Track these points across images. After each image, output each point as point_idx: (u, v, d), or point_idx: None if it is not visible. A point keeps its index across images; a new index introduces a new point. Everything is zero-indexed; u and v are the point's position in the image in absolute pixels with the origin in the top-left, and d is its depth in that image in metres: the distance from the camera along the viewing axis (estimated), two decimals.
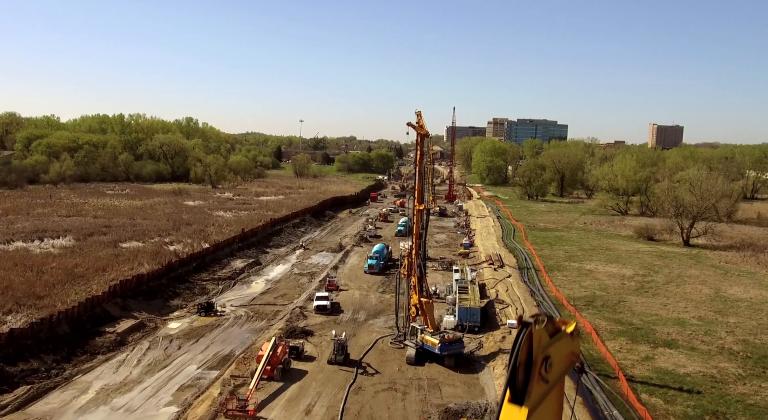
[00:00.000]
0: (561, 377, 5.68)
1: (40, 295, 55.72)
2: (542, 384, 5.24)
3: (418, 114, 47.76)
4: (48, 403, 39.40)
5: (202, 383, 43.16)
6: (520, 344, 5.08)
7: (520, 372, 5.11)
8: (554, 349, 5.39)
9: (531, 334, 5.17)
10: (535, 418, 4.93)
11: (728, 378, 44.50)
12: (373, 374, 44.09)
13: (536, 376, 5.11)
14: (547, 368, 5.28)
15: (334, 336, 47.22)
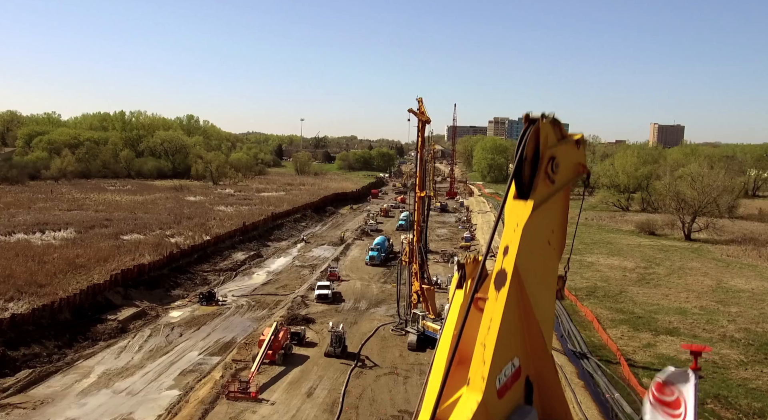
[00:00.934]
0: (567, 183, 5.51)
1: (41, 283, 55.81)
2: (548, 183, 5.00)
3: (419, 100, 47.79)
4: (50, 387, 39.42)
5: (203, 368, 43.15)
6: (527, 139, 4.94)
7: (527, 168, 4.96)
8: (560, 150, 5.22)
9: (538, 130, 5.06)
10: (538, 217, 4.78)
11: (730, 364, 44.54)
12: (372, 367, 42.88)
13: (542, 173, 4.98)
14: (553, 168, 5.14)
15: (332, 327, 46.36)
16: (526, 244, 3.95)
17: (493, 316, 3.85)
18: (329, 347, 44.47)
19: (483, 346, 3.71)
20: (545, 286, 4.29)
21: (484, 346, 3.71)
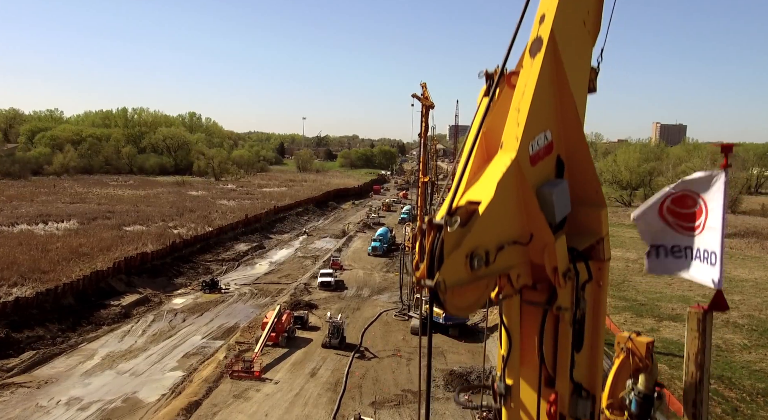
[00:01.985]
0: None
1: (44, 270, 55.89)
2: None
3: (423, 86, 47.82)
4: (54, 368, 39.52)
5: (207, 351, 43.21)
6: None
7: None
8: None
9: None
10: None
11: (733, 347, 44.48)
12: (370, 358, 41.37)
13: None
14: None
15: (329, 317, 45.17)
16: (562, 12, 3.80)
17: (528, 81, 3.74)
18: (326, 338, 43.09)
19: (517, 111, 3.62)
20: (579, 67, 4.08)
21: (518, 110, 3.62)
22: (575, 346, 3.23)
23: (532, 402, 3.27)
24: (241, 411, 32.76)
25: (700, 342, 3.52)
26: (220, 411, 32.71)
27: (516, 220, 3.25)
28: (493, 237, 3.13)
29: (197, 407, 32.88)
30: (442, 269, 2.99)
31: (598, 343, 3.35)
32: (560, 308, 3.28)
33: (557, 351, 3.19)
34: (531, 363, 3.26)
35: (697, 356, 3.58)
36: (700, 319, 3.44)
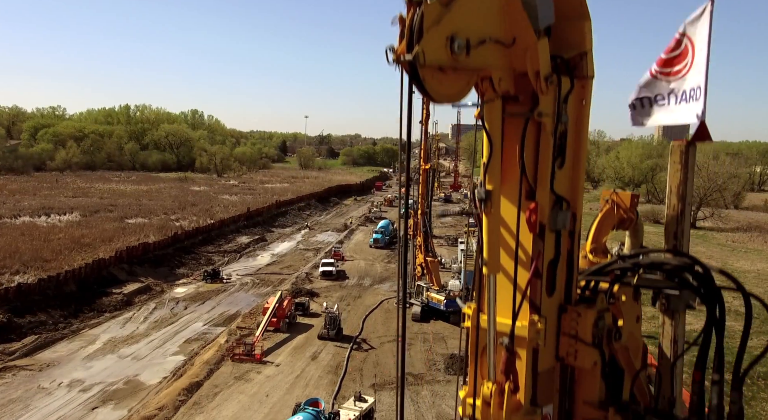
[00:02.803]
0: None
1: (46, 259, 56.02)
2: None
3: None
4: (55, 352, 39.66)
5: (208, 337, 43.26)
6: None
7: None
8: None
9: None
10: None
11: (734, 334, 44.12)
12: (368, 350, 40.28)
13: None
14: None
15: (325, 308, 44.31)
16: None
17: None
18: (323, 329, 41.68)
19: None
20: None
21: None
22: (557, 161, 3.24)
23: (512, 213, 3.28)
24: (242, 391, 32.83)
25: (682, 174, 3.53)
26: (221, 391, 32.80)
27: (498, 17, 3.25)
28: (474, 26, 3.13)
29: (198, 388, 32.98)
30: (422, 42, 2.99)
31: (580, 160, 3.36)
32: (541, 114, 3.27)
33: (538, 162, 3.21)
34: (512, 174, 3.27)
35: (679, 188, 3.58)
36: (683, 151, 3.45)
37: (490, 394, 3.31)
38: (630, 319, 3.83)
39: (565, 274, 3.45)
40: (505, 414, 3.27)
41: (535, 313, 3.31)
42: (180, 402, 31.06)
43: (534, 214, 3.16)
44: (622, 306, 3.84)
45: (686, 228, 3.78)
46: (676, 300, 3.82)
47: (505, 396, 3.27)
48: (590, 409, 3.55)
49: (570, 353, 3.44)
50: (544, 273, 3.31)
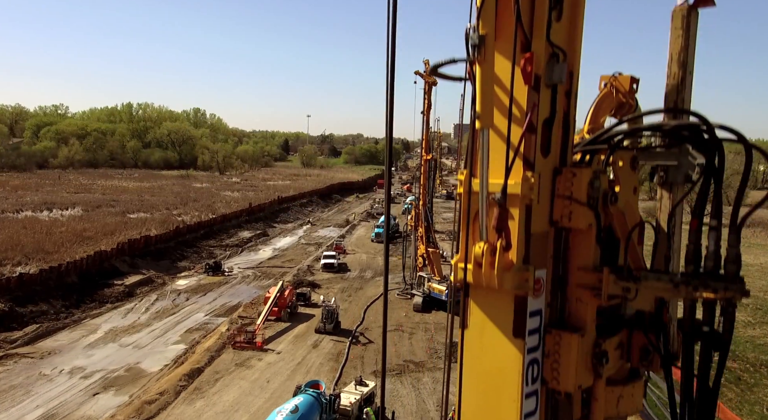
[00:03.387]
0: None
1: (48, 251, 56.04)
2: None
3: (425, 63, 47.68)
4: (57, 341, 39.67)
5: (209, 327, 43.23)
6: None
7: None
8: None
9: None
10: None
11: (737, 324, 44.18)
12: (366, 344, 39.45)
13: None
14: None
15: (323, 301, 43.59)
16: None
17: None
18: (320, 323, 40.74)
19: None
20: None
21: None
22: (553, 11, 3.16)
23: (506, 67, 3.20)
24: (243, 378, 32.80)
25: (683, 40, 3.44)
26: (222, 378, 32.76)
27: None
28: None
29: (199, 374, 32.96)
30: None
31: (577, 15, 3.28)
32: None
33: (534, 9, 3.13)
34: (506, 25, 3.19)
35: (680, 55, 3.49)
36: (685, 17, 3.36)
37: (481, 254, 3.25)
38: (627, 188, 3.75)
39: (560, 134, 3.38)
40: (497, 272, 3.21)
41: (528, 170, 3.24)
42: (181, 387, 31.04)
43: (529, 64, 3.08)
44: (619, 171, 3.76)
45: (687, 97, 3.70)
46: (675, 171, 3.74)
47: (497, 254, 3.20)
48: (584, 274, 3.47)
49: (564, 215, 3.37)
50: (538, 130, 3.24)
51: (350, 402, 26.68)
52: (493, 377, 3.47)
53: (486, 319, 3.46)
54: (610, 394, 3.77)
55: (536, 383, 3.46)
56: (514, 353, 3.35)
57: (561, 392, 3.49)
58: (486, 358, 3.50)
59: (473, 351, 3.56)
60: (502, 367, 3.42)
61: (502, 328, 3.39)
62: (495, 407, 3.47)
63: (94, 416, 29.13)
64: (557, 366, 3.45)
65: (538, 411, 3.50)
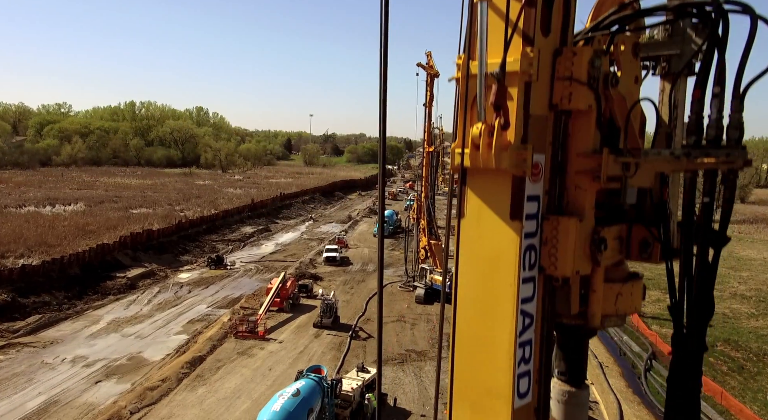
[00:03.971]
0: None
1: (51, 244, 56.16)
2: None
3: (428, 54, 47.72)
4: (59, 331, 39.74)
5: (211, 318, 43.24)
6: None
7: None
8: None
9: None
10: None
11: (740, 315, 44.24)
12: (366, 338, 38.57)
13: None
14: None
15: (322, 294, 43.23)
16: None
17: None
18: (318, 317, 39.92)
19: None
20: None
21: None
22: None
23: None
24: (245, 366, 32.81)
25: None
26: (224, 365, 32.79)
27: None
28: None
29: (201, 362, 32.99)
30: None
31: None
32: None
33: None
34: None
35: None
36: None
37: (479, 134, 3.21)
38: (628, 75, 3.69)
39: (561, 14, 3.34)
40: (494, 151, 3.17)
41: (528, 46, 3.20)
42: (183, 374, 31.07)
43: None
44: (621, 56, 3.70)
45: None
46: (677, 60, 3.69)
47: (495, 133, 3.17)
48: (583, 159, 3.43)
49: (564, 97, 3.33)
50: (538, 5, 3.20)
51: (352, 388, 26.72)
52: (490, 262, 3.44)
53: (483, 204, 3.42)
54: (608, 291, 3.72)
55: (533, 270, 3.42)
56: (511, 236, 3.31)
57: (559, 279, 3.45)
58: (483, 244, 3.46)
59: (470, 239, 3.52)
60: (498, 252, 3.38)
61: (499, 211, 3.35)
62: (491, 292, 3.44)
63: (97, 403, 29.16)
64: (555, 251, 3.41)
65: (535, 298, 3.47)
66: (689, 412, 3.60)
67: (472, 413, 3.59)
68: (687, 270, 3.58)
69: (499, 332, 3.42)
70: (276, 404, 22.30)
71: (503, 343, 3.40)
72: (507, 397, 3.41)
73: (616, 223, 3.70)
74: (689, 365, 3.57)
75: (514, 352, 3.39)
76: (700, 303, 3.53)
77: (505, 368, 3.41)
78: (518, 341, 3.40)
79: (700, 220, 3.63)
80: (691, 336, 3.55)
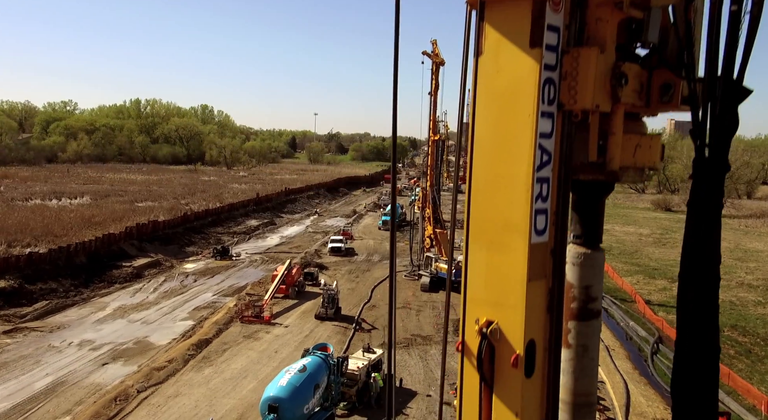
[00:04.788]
0: None
1: (57, 234, 56.30)
2: None
3: (433, 43, 47.68)
4: (66, 316, 39.88)
5: (217, 306, 43.32)
6: None
7: None
8: None
9: None
10: None
11: (748, 303, 44.08)
12: (369, 330, 37.07)
13: None
14: None
15: (324, 285, 42.64)
16: None
17: None
18: (320, 308, 38.83)
19: None
20: None
21: None
22: None
23: None
24: (251, 348, 32.87)
25: None
26: (230, 348, 32.85)
27: None
28: None
29: (207, 344, 33.07)
30: None
31: None
32: None
33: None
34: None
35: None
36: None
37: None
38: None
39: None
40: None
41: None
42: (189, 356, 31.15)
43: None
44: None
45: None
46: None
47: None
48: None
49: None
50: None
51: (358, 367, 26.71)
52: (509, 96, 3.42)
53: (501, 37, 3.41)
54: (627, 141, 3.70)
55: (552, 106, 3.40)
56: (531, 65, 3.30)
57: (578, 113, 3.43)
58: (501, 78, 3.44)
59: (488, 75, 3.50)
60: (517, 84, 3.37)
61: (518, 41, 3.34)
62: (510, 126, 3.42)
63: (104, 383, 29.25)
64: (575, 84, 3.38)
65: (553, 136, 3.45)
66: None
67: (488, 252, 3.58)
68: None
69: (517, 166, 3.40)
70: (283, 379, 22.33)
71: (521, 175, 3.39)
72: (524, 230, 3.40)
73: (637, 61, 3.66)
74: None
75: (532, 185, 3.37)
76: None
77: (523, 201, 3.39)
78: (536, 176, 3.38)
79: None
80: None
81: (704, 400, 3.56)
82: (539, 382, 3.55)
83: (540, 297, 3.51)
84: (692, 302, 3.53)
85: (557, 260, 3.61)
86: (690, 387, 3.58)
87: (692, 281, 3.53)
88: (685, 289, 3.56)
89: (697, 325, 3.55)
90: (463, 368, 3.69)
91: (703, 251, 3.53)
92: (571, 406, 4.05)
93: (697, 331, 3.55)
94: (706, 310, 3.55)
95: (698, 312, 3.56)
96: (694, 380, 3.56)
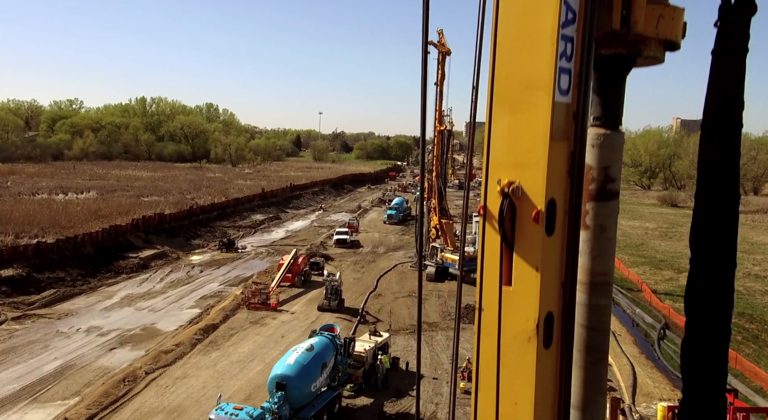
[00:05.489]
0: None
1: (64, 226, 56.60)
2: None
3: (440, 32, 47.68)
4: (74, 304, 40.09)
5: (223, 295, 43.46)
6: None
7: None
8: None
9: None
10: None
11: (755, 292, 44.01)
12: (374, 323, 35.56)
13: None
14: None
15: (327, 276, 41.90)
16: None
17: None
18: (323, 300, 38.14)
19: None
20: None
21: None
22: None
23: None
24: (257, 333, 32.99)
25: None
26: (237, 333, 32.97)
27: None
28: None
29: (214, 329, 33.19)
30: None
31: None
32: None
33: None
34: None
35: None
36: None
37: None
38: None
39: None
40: None
41: None
42: (197, 340, 31.29)
43: None
44: None
45: None
46: None
47: None
48: None
49: None
50: None
51: (364, 349, 26.79)
52: None
53: None
54: (650, 11, 3.74)
55: None
56: None
57: None
58: None
59: None
60: None
61: None
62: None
63: (112, 367, 29.40)
64: None
65: None
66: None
67: (511, 114, 3.62)
68: None
69: (542, 21, 3.43)
70: (290, 357, 22.42)
71: (546, 31, 3.42)
72: (548, 87, 3.43)
73: None
74: None
75: (557, 42, 3.40)
76: None
77: (548, 56, 3.43)
78: (560, 33, 3.42)
79: None
80: None
81: (713, 378, 3.56)
82: (559, 241, 3.59)
83: (562, 158, 3.55)
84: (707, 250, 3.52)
85: (579, 124, 3.65)
86: (700, 366, 3.57)
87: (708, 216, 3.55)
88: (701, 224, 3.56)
89: (712, 290, 3.53)
90: (485, 232, 3.73)
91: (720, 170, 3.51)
92: (588, 287, 4.10)
93: (711, 300, 3.52)
94: (720, 278, 3.57)
95: (713, 276, 3.58)
96: (704, 360, 3.56)
